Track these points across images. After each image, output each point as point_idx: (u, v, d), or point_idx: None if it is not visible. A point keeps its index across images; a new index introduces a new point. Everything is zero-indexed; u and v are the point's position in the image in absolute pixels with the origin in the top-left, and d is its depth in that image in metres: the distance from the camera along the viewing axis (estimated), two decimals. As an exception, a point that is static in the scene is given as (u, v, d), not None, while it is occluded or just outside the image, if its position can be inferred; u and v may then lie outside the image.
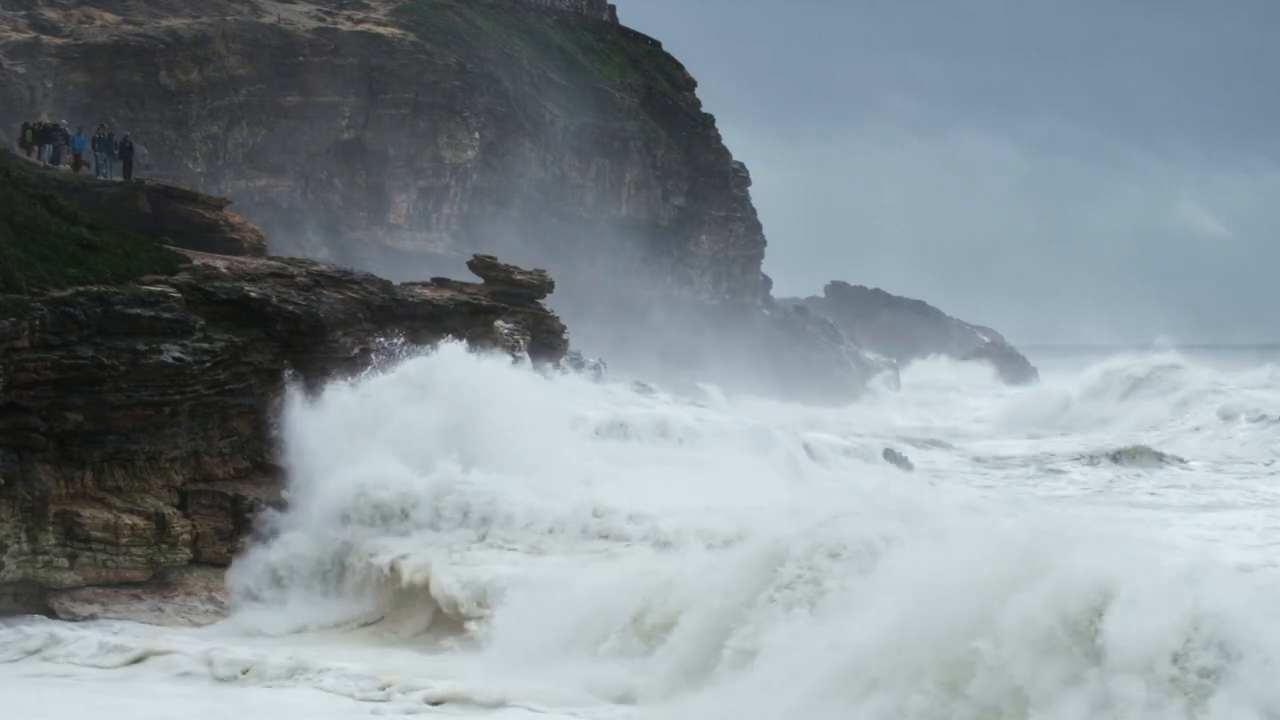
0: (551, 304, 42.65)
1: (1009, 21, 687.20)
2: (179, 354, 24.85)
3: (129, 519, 23.89)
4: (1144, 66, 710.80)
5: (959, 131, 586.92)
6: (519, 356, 33.12)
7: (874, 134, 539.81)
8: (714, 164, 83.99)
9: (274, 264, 30.66)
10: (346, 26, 68.22)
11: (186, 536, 24.52)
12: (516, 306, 39.25)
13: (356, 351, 28.43)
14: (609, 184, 77.03)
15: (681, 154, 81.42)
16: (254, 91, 64.12)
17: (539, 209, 73.02)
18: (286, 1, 68.46)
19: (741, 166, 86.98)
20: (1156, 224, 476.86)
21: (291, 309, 27.77)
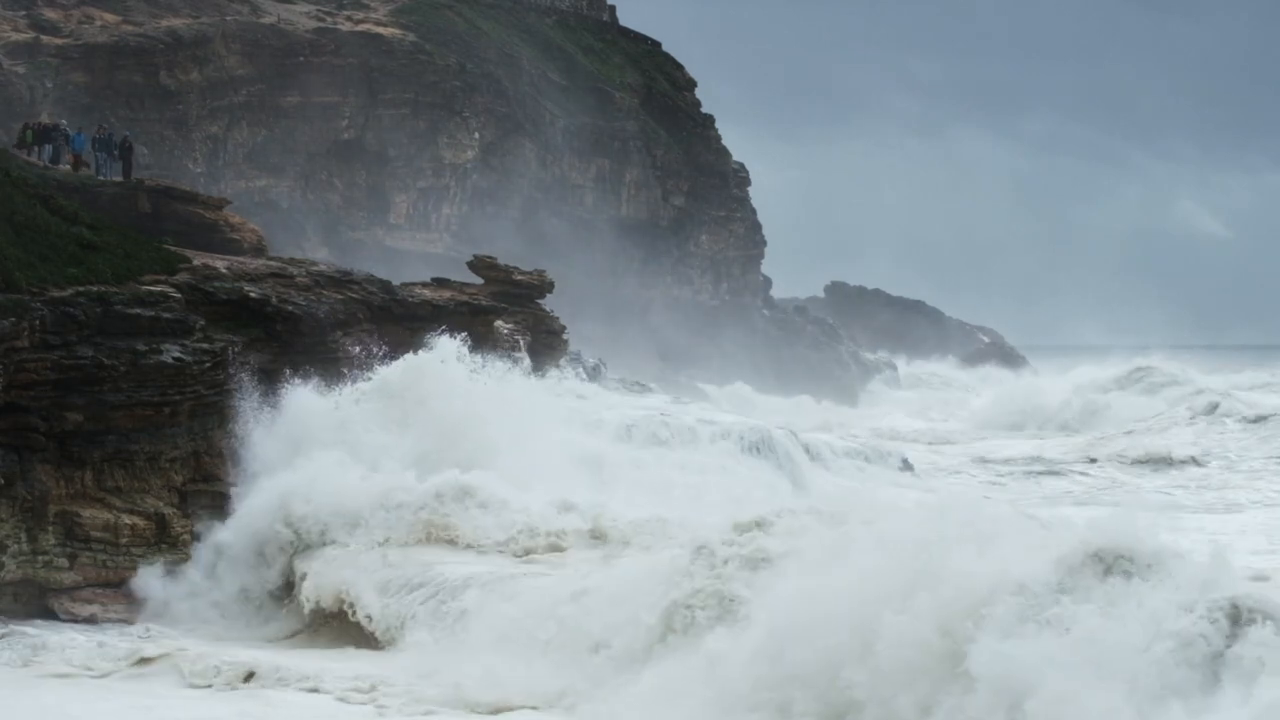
0: (551, 304, 42.68)
1: (1008, 21, 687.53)
2: (179, 354, 24.85)
3: (129, 519, 23.89)
4: (1144, 66, 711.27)
5: (958, 131, 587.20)
6: (518, 357, 33.06)
7: (874, 134, 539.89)
8: (714, 164, 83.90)
9: (274, 264, 30.69)
10: (346, 27, 68.17)
11: (186, 537, 24.52)
12: (516, 307, 39.31)
13: (357, 351, 28.45)
14: (609, 184, 76.94)
15: (681, 154, 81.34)
16: (254, 91, 64.07)
17: (539, 209, 72.92)
18: (286, 2, 68.39)
19: (741, 166, 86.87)
20: (1156, 224, 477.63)
21: (291, 309, 27.78)
